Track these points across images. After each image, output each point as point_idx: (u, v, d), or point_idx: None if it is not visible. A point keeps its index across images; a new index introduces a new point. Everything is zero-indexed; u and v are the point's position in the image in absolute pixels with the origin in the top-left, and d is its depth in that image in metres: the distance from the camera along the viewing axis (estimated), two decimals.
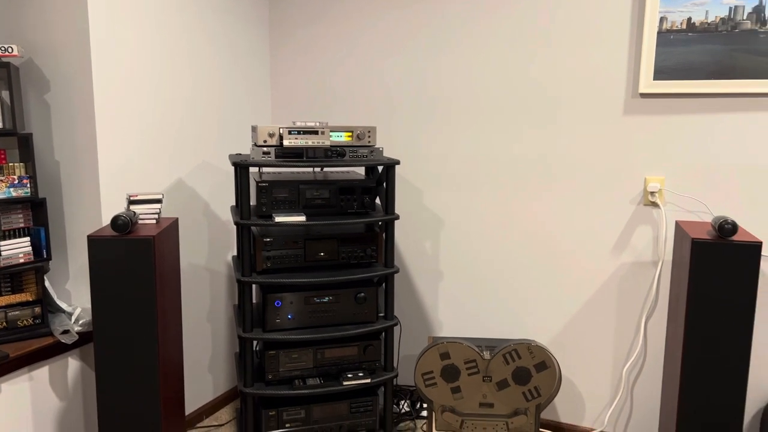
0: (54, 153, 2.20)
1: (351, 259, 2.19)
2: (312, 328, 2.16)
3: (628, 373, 2.48)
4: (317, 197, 2.13)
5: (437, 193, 2.71)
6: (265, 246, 2.10)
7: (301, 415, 2.21)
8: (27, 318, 2.08)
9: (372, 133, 2.16)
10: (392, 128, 2.76)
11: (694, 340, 1.92)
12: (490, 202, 2.62)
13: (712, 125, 2.24)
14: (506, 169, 2.58)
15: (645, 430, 2.49)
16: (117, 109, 2.19)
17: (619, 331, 2.48)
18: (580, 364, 2.56)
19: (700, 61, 2.21)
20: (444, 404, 2.32)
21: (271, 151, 2.07)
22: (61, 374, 2.13)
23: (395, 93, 2.72)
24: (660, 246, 2.37)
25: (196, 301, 2.64)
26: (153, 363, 1.86)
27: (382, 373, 2.26)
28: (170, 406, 2.01)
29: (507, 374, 2.28)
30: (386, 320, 2.25)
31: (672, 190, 2.33)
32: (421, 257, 2.78)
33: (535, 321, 2.61)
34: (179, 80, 2.45)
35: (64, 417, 2.14)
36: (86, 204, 2.18)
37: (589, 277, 2.50)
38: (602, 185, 2.43)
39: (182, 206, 2.52)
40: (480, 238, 2.66)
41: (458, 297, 2.73)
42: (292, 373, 2.17)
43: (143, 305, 1.84)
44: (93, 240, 1.80)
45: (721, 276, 1.87)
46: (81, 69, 2.09)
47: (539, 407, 2.30)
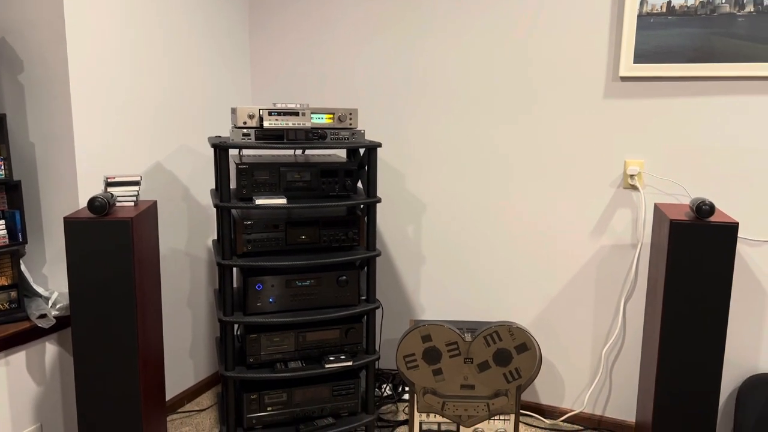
0: (29, 134, 2.15)
1: (333, 243, 2.19)
2: (293, 312, 2.16)
3: (608, 355, 2.52)
4: (298, 180, 2.12)
5: (419, 178, 2.71)
6: (245, 229, 2.09)
7: (282, 398, 2.20)
8: (3, 302, 2.04)
9: (353, 116, 2.15)
10: (374, 112, 2.74)
11: (671, 320, 1.95)
12: (471, 186, 2.63)
13: (691, 109, 2.26)
14: (487, 153, 2.58)
15: (623, 409, 2.53)
16: (93, 90, 2.15)
17: (599, 313, 2.50)
18: (560, 345, 2.58)
19: (679, 45, 2.22)
20: (426, 386, 2.33)
21: (251, 133, 2.05)
22: (39, 359, 2.10)
23: (377, 77, 2.71)
24: (639, 228, 2.40)
25: (176, 286, 2.62)
26: (132, 348, 1.84)
27: (364, 356, 2.26)
28: (150, 392, 2.00)
29: (488, 356, 2.30)
30: (368, 303, 2.25)
31: (651, 173, 2.35)
32: (402, 241, 2.78)
33: (516, 303, 2.63)
34: (157, 61, 2.41)
35: (42, 402, 2.12)
36: (63, 186, 2.14)
37: (569, 259, 2.52)
38: (582, 168, 2.45)
39: (161, 190, 2.49)
40: (461, 221, 2.67)
41: (440, 280, 2.74)
42: (274, 356, 2.17)
43: (122, 289, 1.81)
44: (70, 222, 1.77)
45: (698, 257, 1.89)
46: (55, 48, 2.05)
47: (520, 388, 2.32)
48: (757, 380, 2.25)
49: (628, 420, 2.52)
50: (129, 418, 1.87)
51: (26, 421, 2.07)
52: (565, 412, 2.61)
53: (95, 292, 1.80)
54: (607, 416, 2.56)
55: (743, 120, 2.21)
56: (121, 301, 1.82)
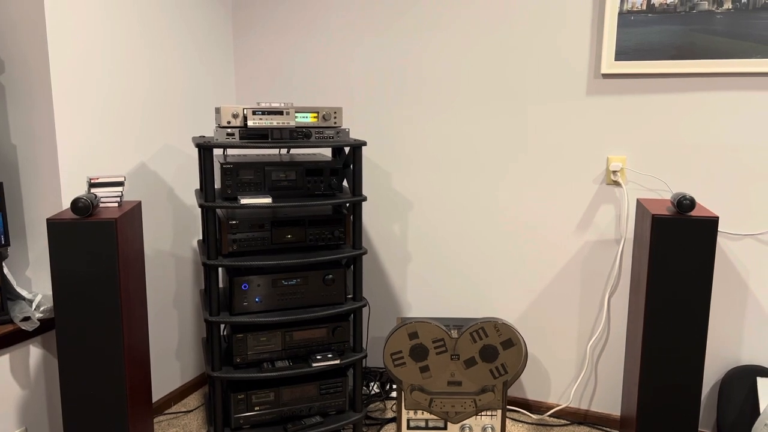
0: (10, 136, 2.13)
1: (319, 241, 2.19)
2: (280, 311, 2.15)
3: (593, 349, 2.54)
4: (283, 179, 2.12)
5: (405, 176, 2.72)
6: (231, 229, 2.08)
7: (270, 397, 2.20)
8: None
9: (338, 114, 2.15)
10: (360, 111, 2.75)
11: (654, 313, 1.97)
12: (456, 184, 2.64)
13: (673, 105, 2.29)
14: (471, 151, 2.59)
15: (609, 403, 2.56)
16: (75, 90, 2.13)
17: (584, 308, 2.53)
18: (545, 341, 2.61)
19: (660, 42, 2.25)
20: (413, 383, 2.34)
21: (236, 132, 2.05)
22: (23, 362, 2.08)
23: (362, 75, 2.71)
24: (622, 224, 2.42)
25: (161, 287, 2.60)
26: (118, 349, 1.83)
27: (351, 354, 2.27)
28: (137, 393, 1.99)
29: (474, 352, 2.31)
30: (355, 301, 2.25)
31: (633, 168, 2.37)
32: (389, 239, 2.79)
33: (502, 300, 2.65)
34: (140, 61, 2.40)
35: (27, 405, 2.10)
36: (45, 188, 2.12)
37: (553, 255, 2.54)
38: (566, 165, 2.47)
39: (146, 191, 2.48)
40: (447, 219, 2.68)
41: (426, 278, 2.75)
42: (261, 356, 2.16)
43: (106, 290, 1.80)
44: (53, 223, 1.76)
45: (680, 250, 1.92)
46: (36, 48, 2.03)
47: (506, 384, 2.34)
48: (739, 372, 2.28)
49: (613, 413, 2.55)
50: (115, 420, 1.86)
51: (11, 424, 2.05)
52: (551, 407, 2.63)
53: (79, 293, 1.79)
54: (593, 410, 2.58)
55: (724, 116, 2.24)
56: (106, 302, 1.81)
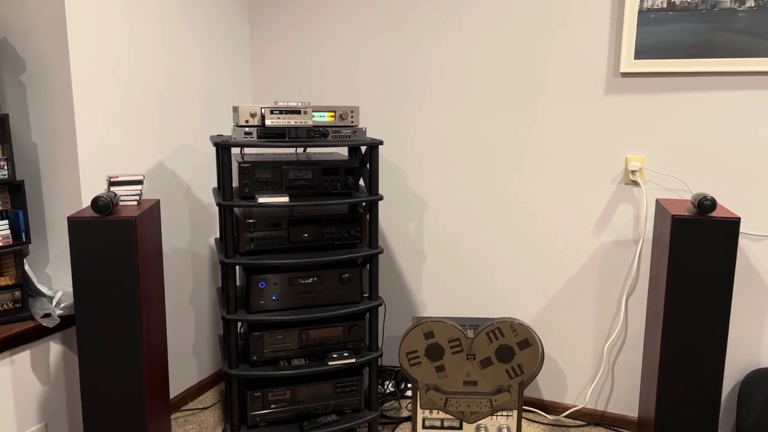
0: (31, 135, 2.15)
1: (335, 240, 2.19)
2: (297, 309, 2.16)
3: (610, 350, 2.52)
4: (300, 178, 2.12)
5: (421, 175, 2.71)
6: (248, 227, 2.09)
7: (286, 395, 2.21)
8: (7, 302, 2.05)
9: (355, 113, 2.15)
10: (376, 109, 2.75)
11: (673, 315, 1.95)
12: (472, 183, 2.63)
13: (692, 104, 2.27)
14: (488, 150, 2.58)
15: (626, 405, 2.54)
16: (95, 90, 2.15)
17: (601, 309, 2.51)
18: (562, 341, 2.59)
19: (680, 40, 2.22)
20: (428, 383, 2.34)
21: (253, 131, 2.05)
22: (43, 358, 2.11)
23: (378, 74, 2.71)
24: (640, 224, 2.40)
25: (179, 284, 2.62)
26: (136, 346, 1.85)
27: (366, 353, 2.27)
28: (154, 390, 2.01)
29: (490, 352, 2.30)
30: (371, 300, 2.25)
31: (652, 168, 2.35)
32: (404, 238, 2.79)
33: (518, 300, 2.64)
34: (158, 60, 2.42)
35: (47, 401, 2.12)
36: (66, 186, 2.14)
37: (570, 255, 2.52)
38: (584, 165, 2.45)
39: (163, 189, 2.50)
40: (462, 218, 2.67)
41: (441, 277, 2.75)
42: (277, 354, 2.17)
43: (126, 287, 1.82)
44: (73, 221, 1.78)
45: (700, 252, 1.90)
46: (57, 48, 2.05)
47: (522, 384, 2.33)
48: (759, 375, 2.25)
49: (630, 415, 2.53)
50: (134, 415, 1.87)
51: (31, 420, 2.08)
52: (567, 407, 2.62)
53: (99, 291, 1.81)
54: (610, 411, 2.56)
55: (744, 115, 2.21)
56: (125, 299, 1.82)
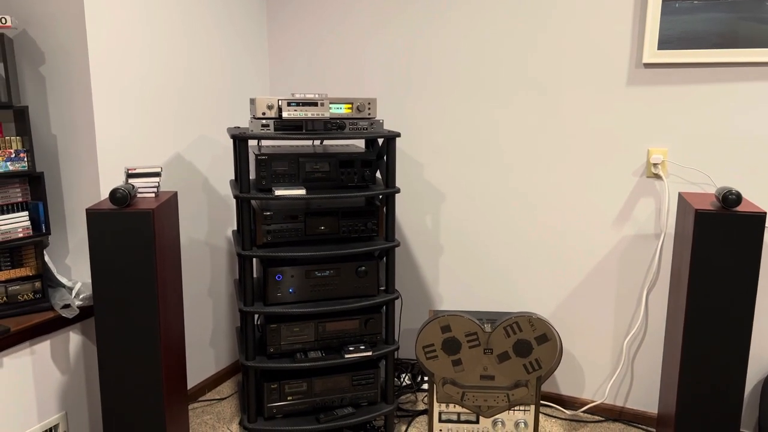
0: (51, 126, 2.17)
1: (352, 233, 2.18)
2: (313, 302, 2.16)
3: (629, 346, 2.49)
4: (317, 170, 2.11)
5: (437, 167, 2.69)
6: (265, 220, 2.09)
7: (302, 387, 2.22)
8: (27, 293, 2.08)
9: (372, 105, 2.14)
10: (393, 100, 2.72)
11: (695, 311, 1.91)
12: (489, 175, 2.60)
13: (717, 95, 2.21)
14: (506, 141, 2.55)
15: (645, 402, 2.51)
16: (114, 81, 2.16)
17: (620, 304, 2.48)
18: (580, 336, 2.56)
19: (705, 30, 2.17)
20: (445, 377, 2.33)
21: (270, 123, 2.05)
22: (63, 348, 2.13)
23: (395, 64, 2.69)
24: (662, 218, 2.36)
25: (196, 275, 2.64)
26: (154, 337, 1.86)
27: (383, 346, 2.27)
28: (172, 380, 2.02)
29: (508, 347, 2.28)
30: (387, 294, 2.24)
31: (675, 161, 2.31)
32: (421, 231, 2.77)
33: (536, 294, 2.61)
34: (176, 52, 2.42)
35: (67, 390, 2.15)
36: (84, 178, 2.16)
37: (590, 249, 2.49)
38: (604, 157, 2.41)
39: (182, 180, 2.50)
40: (480, 211, 2.65)
41: (458, 271, 2.73)
42: (294, 346, 2.18)
43: (143, 279, 1.83)
44: (92, 213, 1.79)
45: (724, 247, 1.86)
46: (76, 40, 2.06)
47: (540, 379, 2.31)
48: None
49: (649, 411, 2.50)
50: (152, 406, 1.89)
51: (52, 409, 2.10)
52: (585, 402, 2.59)
53: (117, 282, 1.82)
54: (629, 407, 2.53)
55: None
56: (143, 291, 1.83)
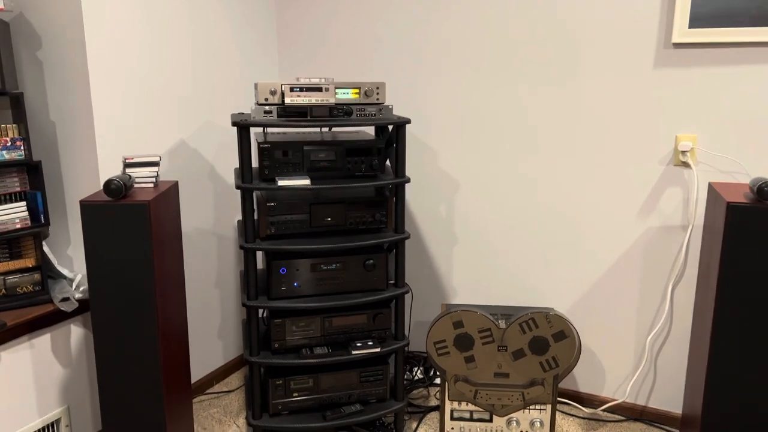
0: (49, 113, 2.10)
1: (359, 225, 2.08)
2: (319, 296, 2.08)
3: (652, 343, 2.37)
4: (322, 159, 2.01)
5: (452, 154, 2.57)
6: (268, 211, 2.00)
7: (309, 384, 2.14)
8: (27, 285, 2.02)
9: (381, 90, 2.02)
10: (405, 83, 2.60)
11: (725, 309, 1.79)
12: (506, 163, 2.48)
13: (752, 78, 2.06)
14: (525, 127, 2.42)
15: (669, 402, 2.39)
16: (112, 66, 2.07)
17: (644, 299, 2.35)
18: (601, 332, 2.44)
19: (740, 7, 2.01)
20: (457, 374, 2.23)
21: (273, 110, 1.95)
22: (64, 341, 2.08)
23: (407, 44, 2.56)
24: (690, 209, 2.22)
25: (203, 266, 2.57)
26: (152, 331, 1.79)
27: (392, 341, 2.18)
28: (173, 374, 1.95)
29: (523, 344, 2.18)
30: (397, 288, 2.15)
31: (705, 149, 2.16)
32: (434, 221, 2.66)
33: (555, 288, 2.49)
34: (180, 35, 2.32)
35: (69, 384, 2.10)
36: (84, 166, 2.09)
37: (612, 241, 2.36)
38: (629, 144, 2.27)
39: (186, 168, 2.42)
40: (497, 200, 2.53)
41: (473, 262, 2.62)
42: (299, 341, 2.10)
43: (140, 272, 1.75)
44: (86, 205, 1.71)
45: (757, 242, 1.72)
46: (72, 21, 1.97)
47: (557, 378, 2.20)
48: None
49: (673, 411, 2.38)
50: (151, 401, 1.82)
51: (53, 403, 2.06)
52: (605, 401, 2.48)
53: (114, 276, 1.75)
54: (651, 407, 2.42)
55: None
56: (141, 284, 1.76)
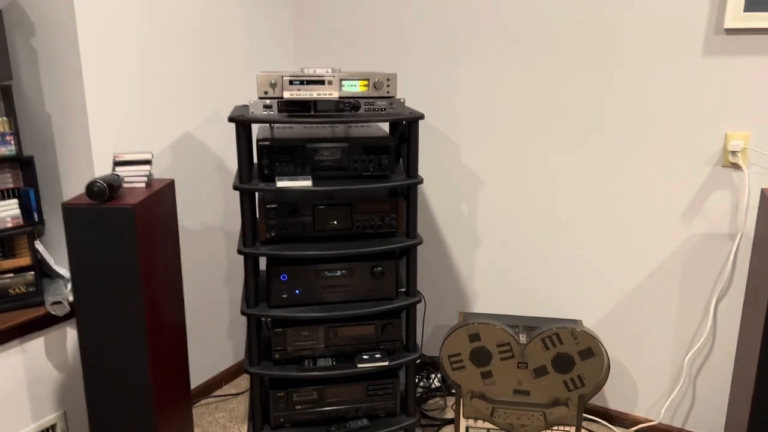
0: (45, 105, 1.99)
1: (367, 229, 1.92)
2: (323, 305, 1.93)
3: (691, 362, 2.15)
4: (327, 158, 1.85)
5: (475, 148, 2.37)
6: (268, 213, 1.85)
7: (312, 396, 2.01)
8: (19, 286, 1.94)
9: (392, 82, 1.84)
10: (426, 67, 2.41)
11: None
12: (533, 158, 2.27)
13: None
14: (557, 120, 2.20)
15: (708, 424, 2.17)
16: (108, 52, 1.94)
17: (683, 313, 2.13)
18: (634, 346, 2.23)
19: None
20: (473, 390, 2.07)
21: (274, 104, 1.79)
22: (59, 345, 1.99)
23: (431, 25, 2.36)
24: (739, 216, 1.98)
25: (212, 262, 2.45)
26: (140, 339, 1.67)
27: (402, 353, 2.02)
28: (166, 382, 1.84)
29: (546, 360, 2.00)
30: (408, 296, 1.98)
31: (759, 149, 1.91)
32: (455, 220, 2.48)
33: (584, 297, 2.29)
34: (183, 17, 2.17)
35: (65, 389, 2.02)
36: (80, 161, 1.98)
37: (650, 249, 2.14)
38: (672, 141, 2.03)
39: (191, 161, 2.30)
40: (523, 199, 2.32)
41: (496, 266, 2.43)
42: (302, 352, 1.96)
43: (127, 279, 1.63)
44: (68, 209, 1.60)
45: None
46: (62, 5, 1.84)
47: (583, 398, 2.01)
48: None
49: None
50: (141, 410, 1.72)
51: (48, 409, 1.98)
52: (637, 421, 2.28)
53: (99, 283, 1.64)
54: (688, 429, 2.20)
55: None
56: (127, 292, 1.64)
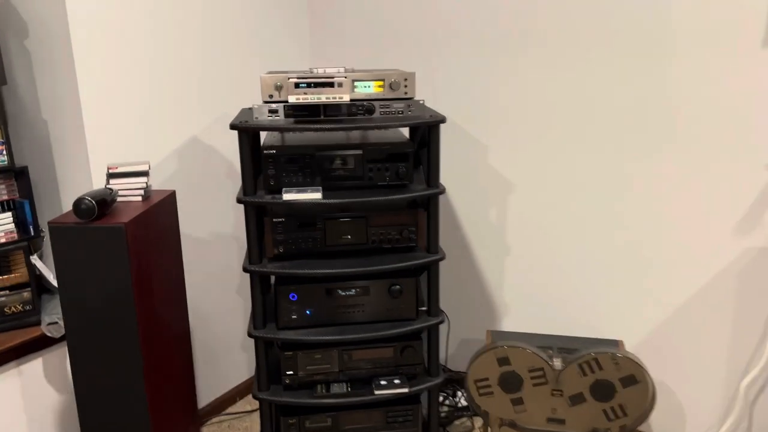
0: (41, 110, 1.86)
1: (383, 243, 1.75)
2: (335, 326, 1.77)
3: (748, 388, 1.93)
4: (339, 167, 1.68)
5: (506, 150, 2.18)
6: (275, 228, 1.70)
7: (326, 423, 1.86)
8: (15, 304, 1.82)
9: (409, 81, 1.66)
10: (452, 62, 2.21)
11: None
12: (570, 161, 2.07)
13: None
14: (598, 119, 2.00)
15: None
16: (106, 54, 1.79)
17: (738, 335, 1.91)
18: (682, 370, 2.02)
19: None
20: (503, 417, 1.89)
21: (280, 108, 1.63)
22: (59, 366, 1.88)
23: (457, 17, 2.16)
24: None
25: (225, 272, 2.31)
26: (136, 362, 1.56)
27: (424, 378, 1.85)
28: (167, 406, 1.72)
29: (583, 388, 1.81)
30: (429, 317, 1.81)
31: None
32: (483, 229, 2.28)
33: (625, 316, 2.08)
34: (189, 14, 2.02)
35: (66, 411, 1.91)
36: (78, 170, 1.85)
37: (700, 263, 1.92)
38: (727, 142, 1.81)
39: (200, 167, 2.15)
40: (557, 207, 2.12)
41: (528, 279, 2.23)
42: (314, 377, 1.81)
43: (120, 299, 1.52)
44: (54, 228, 1.47)
45: None
46: (53, 4, 1.70)
47: (624, 429, 1.82)
48: None
49: None
50: None
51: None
52: None
53: (90, 304, 1.52)
54: None
55: None
56: (120, 312, 1.53)
